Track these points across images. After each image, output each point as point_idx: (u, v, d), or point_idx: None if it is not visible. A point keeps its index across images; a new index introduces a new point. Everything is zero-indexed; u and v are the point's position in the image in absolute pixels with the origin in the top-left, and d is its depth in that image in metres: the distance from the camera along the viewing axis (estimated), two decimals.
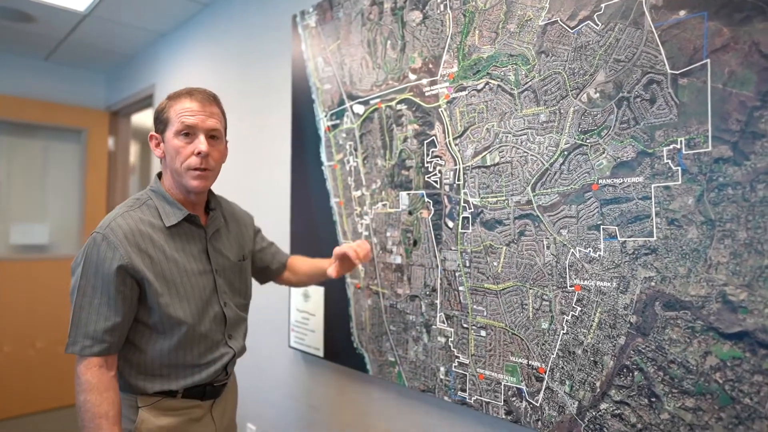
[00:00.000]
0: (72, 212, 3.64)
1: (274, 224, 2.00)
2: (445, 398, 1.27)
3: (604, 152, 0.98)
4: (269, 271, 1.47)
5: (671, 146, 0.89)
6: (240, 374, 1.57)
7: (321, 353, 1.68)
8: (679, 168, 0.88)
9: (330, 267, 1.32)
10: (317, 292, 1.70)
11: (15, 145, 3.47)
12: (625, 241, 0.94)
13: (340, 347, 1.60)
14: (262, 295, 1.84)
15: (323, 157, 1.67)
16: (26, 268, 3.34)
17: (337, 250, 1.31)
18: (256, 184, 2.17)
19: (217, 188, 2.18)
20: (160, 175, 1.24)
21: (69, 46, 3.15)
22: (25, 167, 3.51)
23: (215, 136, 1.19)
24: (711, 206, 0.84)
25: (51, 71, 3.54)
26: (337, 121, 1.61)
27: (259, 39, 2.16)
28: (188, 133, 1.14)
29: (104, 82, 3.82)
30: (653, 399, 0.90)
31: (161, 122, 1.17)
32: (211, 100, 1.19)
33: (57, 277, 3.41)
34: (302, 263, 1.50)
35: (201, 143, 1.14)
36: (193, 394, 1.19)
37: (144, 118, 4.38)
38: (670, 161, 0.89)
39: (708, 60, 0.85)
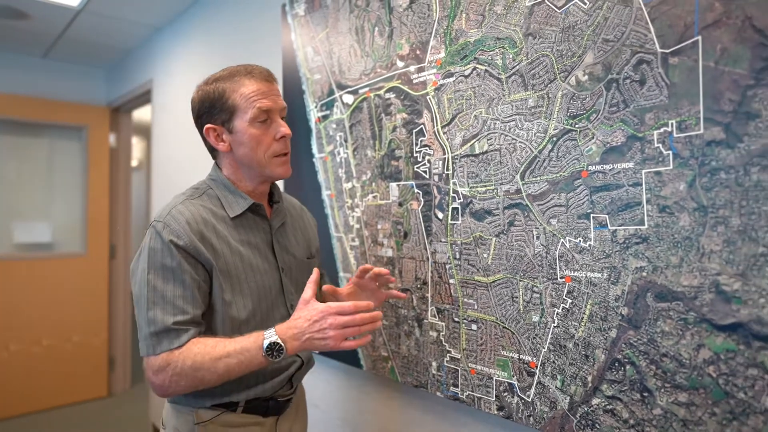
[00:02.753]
0: (75, 210, 3.65)
1: None
2: (438, 394, 1.24)
3: (593, 137, 0.93)
4: None
5: (662, 129, 0.84)
6: None
7: None
8: (670, 152, 0.83)
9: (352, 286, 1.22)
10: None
11: (21, 144, 3.48)
12: (616, 230, 0.90)
13: None
14: None
15: (314, 149, 1.64)
16: (30, 266, 3.35)
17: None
18: None
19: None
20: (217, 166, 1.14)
21: (66, 42, 3.14)
22: (33, 166, 3.52)
23: (284, 117, 1.11)
24: (703, 192, 0.80)
25: (49, 68, 3.53)
26: (327, 112, 1.58)
27: (251, 30, 2.13)
28: (266, 119, 1.05)
29: (104, 78, 3.81)
30: (645, 394, 0.87)
31: (224, 111, 1.04)
32: (271, 75, 1.09)
33: (61, 275, 3.42)
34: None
35: (283, 126, 1.06)
36: (255, 408, 1.07)
37: (146, 114, 4.37)
38: (660, 145, 0.85)
39: (699, 37, 0.80)
